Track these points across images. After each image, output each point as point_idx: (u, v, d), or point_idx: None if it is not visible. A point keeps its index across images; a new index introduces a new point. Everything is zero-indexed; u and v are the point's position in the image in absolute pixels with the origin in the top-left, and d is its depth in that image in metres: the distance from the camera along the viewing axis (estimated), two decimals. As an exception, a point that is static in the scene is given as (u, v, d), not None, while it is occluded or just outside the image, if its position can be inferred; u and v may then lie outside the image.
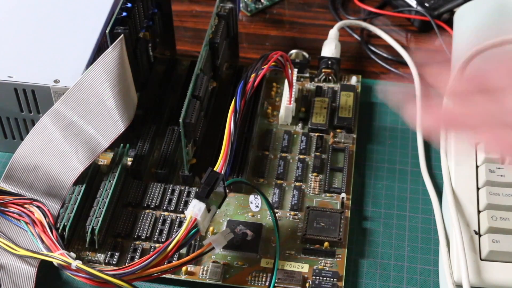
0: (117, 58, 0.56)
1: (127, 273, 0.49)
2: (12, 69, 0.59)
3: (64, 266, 0.51)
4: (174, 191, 0.59)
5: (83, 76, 0.57)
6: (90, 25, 0.63)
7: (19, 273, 0.53)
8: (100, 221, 0.55)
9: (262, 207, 0.59)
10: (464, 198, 0.56)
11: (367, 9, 0.76)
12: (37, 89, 0.58)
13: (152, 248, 0.56)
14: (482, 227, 0.54)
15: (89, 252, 0.56)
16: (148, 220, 0.57)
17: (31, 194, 0.57)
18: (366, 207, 0.60)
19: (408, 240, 0.58)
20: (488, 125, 0.45)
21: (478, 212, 0.55)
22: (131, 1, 0.59)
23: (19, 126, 0.61)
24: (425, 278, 0.55)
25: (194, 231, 0.50)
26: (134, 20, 0.60)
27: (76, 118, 0.57)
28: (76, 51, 0.60)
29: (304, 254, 0.56)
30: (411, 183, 0.61)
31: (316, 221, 0.57)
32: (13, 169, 0.58)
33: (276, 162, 0.62)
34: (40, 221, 0.54)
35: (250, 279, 0.54)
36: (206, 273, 0.54)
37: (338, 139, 0.64)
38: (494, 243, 0.52)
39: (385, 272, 0.56)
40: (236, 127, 0.54)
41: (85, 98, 0.57)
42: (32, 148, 0.58)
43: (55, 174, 0.57)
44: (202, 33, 0.74)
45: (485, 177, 0.56)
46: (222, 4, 0.64)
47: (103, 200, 0.57)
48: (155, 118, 0.64)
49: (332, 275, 0.54)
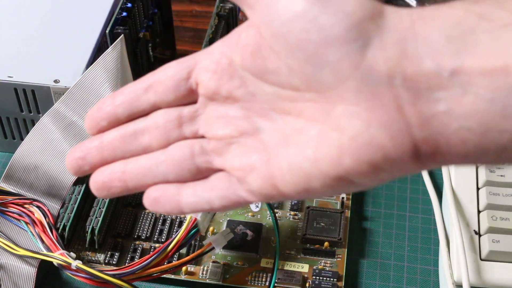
0: (117, 58, 0.56)
1: (127, 273, 0.49)
2: (12, 69, 0.59)
3: (64, 266, 0.51)
4: (174, 191, 0.59)
5: (83, 76, 0.57)
6: (90, 25, 0.62)
7: (19, 273, 0.53)
8: (100, 221, 0.55)
9: (262, 207, 0.59)
10: (464, 198, 0.56)
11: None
12: (37, 89, 0.58)
13: (152, 248, 0.56)
14: (482, 227, 0.54)
15: (89, 252, 0.56)
16: (148, 220, 0.57)
17: (31, 194, 0.57)
18: (366, 207, 0.60)
19: (408, 240, 0.58)
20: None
21: (478, 212, 0.55)
22: (131, 1, 0.59)
23: (19, 126, 0.61)
24: (425, 278, 0.55)
25: (194, 231, 0.50)
26: (134, 20, 0.60)
27: (76, 118, 0.57)
28: (76, 51, 0.60)
29: (304, 254, 0.56)
30: (411, 183, 0.61)
31: (316, 221, 0.57)
32: (13, 169, 0.57)
33: (276, 162, 0.62)
34: (40, 221, 0.54)
35: (250, 279, 0.54)
36: (206, 273, 0.54)
37: (338, 139, 0.64)
38: (494, 243, 0.52)
39: (385, 272, 0.56)
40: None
41: (85, 98, 0.57)
42: (32, 148, 0.58)
43: (55, 174, 0.57)
44: (202, 33, 0.74)
45: (485, 177, 0.56)
46: (222, 4, 0.64)
47: (103, 200, 0.57)
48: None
49: (332, 275, 0.54)
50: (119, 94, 0.40)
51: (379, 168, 0.33)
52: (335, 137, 0.33)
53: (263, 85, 0.36)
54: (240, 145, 0.37)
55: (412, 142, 0.32)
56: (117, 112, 0.39)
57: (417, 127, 0.31)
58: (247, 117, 0.37)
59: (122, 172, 0.39)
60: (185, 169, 0.38)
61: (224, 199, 0.37)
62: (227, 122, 0.37)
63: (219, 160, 0.38)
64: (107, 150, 0.39)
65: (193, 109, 0.39)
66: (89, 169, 0.40)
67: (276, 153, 0.36)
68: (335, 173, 0.33)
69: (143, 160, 0.39)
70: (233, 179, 0.37)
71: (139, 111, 0.39)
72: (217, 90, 0.37)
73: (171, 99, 0.39)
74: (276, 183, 0.35)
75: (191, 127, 0.39)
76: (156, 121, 0.39)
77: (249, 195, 0.37)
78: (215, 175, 0.38)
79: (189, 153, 0.38)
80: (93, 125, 0.40)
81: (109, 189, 0.40)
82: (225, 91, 0.37)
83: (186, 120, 0.39)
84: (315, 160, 0.34)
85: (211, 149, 0.38)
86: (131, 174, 0.39)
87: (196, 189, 0.38)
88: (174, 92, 0.38)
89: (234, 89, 0.37)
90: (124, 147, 0.39)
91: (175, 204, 0.38)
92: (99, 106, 0.40)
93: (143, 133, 0.39)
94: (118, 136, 0.39)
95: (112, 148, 0.39)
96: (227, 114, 0.37)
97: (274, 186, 0.35)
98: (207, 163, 0.38)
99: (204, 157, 0.38)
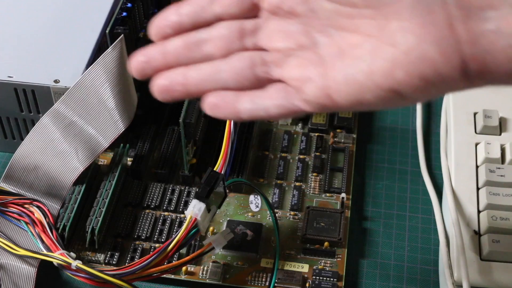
0: (117, 58, 0.56)
1: (127, 273, 0.49)
2: (12, 69, 0.59)
3: (64, 266, 0.51)
4: (174, 191, 0.59)
5: (83, 76, 0.57)
6: (90, 25, 0.62)
7: (19, 273, 0.53)
8: (100, 221, 0.55)
9: (262, 207, 0.59)
10: (464, 198, 0.56)
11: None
12: (37, 89, 0.58)
13: (152, 248, 0.56)
14: (482, 227, 0.54)
15: (89, 252, 0.56)
16: (148, 220, 0.57)
17: (31, 194, 0.57)
18: (366, 207, 0.60)
19: (408, 240, 0.58)
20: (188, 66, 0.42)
21: (478, 212, 0.55)
22: (131, 1, 0.59)
23: (19, 126, 0.61)
24: (425, 278, 0.55)
25: (194, 231, 0.50)
26: (134, 20, 0.60)
27: (76, 118, 0.57)
28: (76, 51, 0.60)
29: (304, 254, 0.56)
30: (411, 183, 0.61)
31: (316, 221, 0.57)
32: (13, 169, 0.57)
33: (276, 162, 0.62)
34: (40, 221, 0.54)
35: (250, 279, 0.54)
36: (206, 273, 0.54)
37: (338, 139, 0.64)
38: (494, 243, 0.52)
39: (385, 272, 0.56)
40: (236, 127, 0.54)
41: (85, 98, 0.57)
42: (32, 148, 0.58)
43: (55, 174, 0.57)
44: (202, 33, 0.74)
45: (485, 177, 0.56)
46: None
47: (103, 200, 0.57)
48: (155, 118, 0.64)
49: (332, 275, 0.54)
50: (185, 4, 0.42)
51: (430, 83, 0.35)
52: (389, 51, 0.35)
53: (323, 2, 0.38)
54: (298, 57, 0.39)
55: (461, 58, 0.34)
56: (182, 20, 0.42)
57: (466, 44, 0.34)
58: (306, 32, 0.39)
59: (184, 77, 0.41)
60: (245, 77, 0.40)
61: (280, 107, 0.40)
62: (287, 36, 0.40)
63: (277, 71, 0.40)
64: (170, 55, 0.42)
65: (255, 22, 0.41)
66: (151, 72, 0.42)
67: (332, 65, 0.38)
68: (387, 85, 0.36)
69: (205, 66, 0.41)
70: (290, 89, 0.39)
71: (203, 22, 0.42)
72: (280, 4, 0.40)
73: (235, 12, 0.41)
74: (331, 93, 0.38)
75: (252, 39, 0.41)
76: (219, 31, 0.41)
77: (304, 104, 0.39)
78: (273, 85, 0.40)
79: (249, 62, 0.40)
80: (158, 32, 0.42)
81: (171, 92, 0.42)
82: (287, 6, 0.40)
83: (248, 32, 0.41)
84: (369, 72, 0.36)
85: (270, 60, 0.40)
86: (193, 79, 0.41)
87: (254, 97, 0.40)
88: (238, 5, 0.41)
89: (296, 5, 0.39)
90: (187, 53, 0.41)
91: (233, 109, 0.40)
92: (165, 14, 0.42)
93: (206, 42, 0.41)
94: (182, 43, 0.42)
95: (176, 54, 0.41)
96: (287, 28, 0.40)
97: (329, 96, 0.38)
98: (266, 73, 0.40)
99: (263, 68, 0.40)
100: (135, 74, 0.42)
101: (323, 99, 0.38)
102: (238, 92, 0.40)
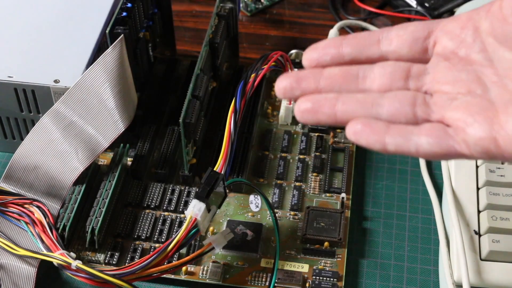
0: (117, 58, 0.56)
1: (127, 273, 0.49)
2: (12, 69, 0.59)
3: (64, 266, 0.51)
4: (174, 191, 0.59)
5: (83, 76, 0.57)
6: (90, 25, 0.63)
7: (19, 273, 0.53)
8: (100, 221, 0.55)
9: (262, 207, 0.59)
10: (464, 198, 0.56)
11: (367, 9, 0.76)
12: (37, 89, 0.58)
13: (152, 248, 0.56)
14: (482, 227, 0.54)
15: (89, 252, 0.56)
16: (148, 220, 0.57)
17: (31, 194, 0.57)
18: (366, 207, 0.60)
19: (408, 240, 0.58)
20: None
21: (478, 212, 0.55)
22: (131, 1, 0.59)
23: (19, 126, 0.61)
24: (425, 278, 0.55)
25: (194, 231, 0.50)
26: (134, 20, 0.60)
27: (76, 118, 0.57)
28: (76, 51, 0.60)
29: (304, 254, 0.56)
30: (411, 183, 0.61)
31: (316, 221, 0.57)
32: (13, 169, 0.58)
33: (276, 162, 0.62)
34: (40, 221, 0.54)
35: (250, 279, 0.54)
36: (206, 273, 0.54)
37: (338, 139, 0.64)
38: (494, 243, 0.52)
39: (385, 272, 0.56)
40: (236, 127, 0.54)
41: (85, 98, 0.57)
42: (32, 148, 0.58)
43: (55, 174, 0.57)
44: (202, 33, 0.74)
45: (485, 177, 0.56)
46: (222, 4, 0.64)
47: (103, 200, 0.57)
48: (155, 118, 0.64)
49: (332, 275, 0.54)
50: (351, 37, 0.41)
51: None
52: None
53: (504, 52, 0.37)
54: (464, 101, 0.37)
55: None
56: (343, 52, 0.41)
57: None
58: (478, 79, 0.38)
59: (335, 100, 0.39)
60: (403, 114, 0.38)
61: (433, 145, 0.37)
62: (457, 81, 0.38)
63: (439, 112, 0.38)
64: (325, 81, 0.40)
65: (422, 67, 0.40)
66: (299, 94, 0.41)
67: (504, 110, 0.36)
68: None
69: (360, 96, 0.40)
70: (449, 129, 0.37)
71: (364, 58, 0.41)
72: (455, 50, 0.39)
73: (404, 53, 0.40)
74: (498, 138, 0.35)
75: (416, 82, 0.40)
76: (384, 69, 0.40)
77: (462, 146, 0.36)
78: (429, 124, 0.38)
79: (411, 100, 0.39)
80: (315, 57, 0.41)
81: (316, 114, 0.40)
82: (463, 53, 0.39)
83: (413, 75, 0.40)
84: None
85: (433, 102, 0.38)
86: (344, 105, 0.39)
87: (406, 131, 0.38)
88: (409, 47, 0.40)
89: (473, 52, 0.38)
90: (342, 83, 0.40)
91: (380, 140, 0.38)
92: (327, 42, 0.41)
93: (365, 78, 0.40)
94: (340, 72, 0.40)
95: (331, 81, 0.40)
96: (458, 75, 0.39)
97: (495, 141, 0.35)
98: (425, 114, 0.38)
99: (424, 108, 0.38)
100: (280, 93, 0.41)
101: (487, 143, 0.35)
102: (388, 123, 0.38)
